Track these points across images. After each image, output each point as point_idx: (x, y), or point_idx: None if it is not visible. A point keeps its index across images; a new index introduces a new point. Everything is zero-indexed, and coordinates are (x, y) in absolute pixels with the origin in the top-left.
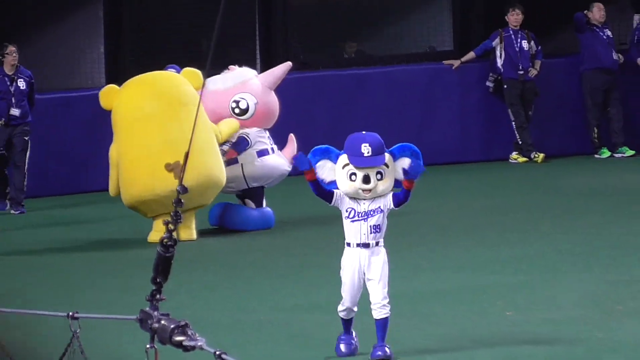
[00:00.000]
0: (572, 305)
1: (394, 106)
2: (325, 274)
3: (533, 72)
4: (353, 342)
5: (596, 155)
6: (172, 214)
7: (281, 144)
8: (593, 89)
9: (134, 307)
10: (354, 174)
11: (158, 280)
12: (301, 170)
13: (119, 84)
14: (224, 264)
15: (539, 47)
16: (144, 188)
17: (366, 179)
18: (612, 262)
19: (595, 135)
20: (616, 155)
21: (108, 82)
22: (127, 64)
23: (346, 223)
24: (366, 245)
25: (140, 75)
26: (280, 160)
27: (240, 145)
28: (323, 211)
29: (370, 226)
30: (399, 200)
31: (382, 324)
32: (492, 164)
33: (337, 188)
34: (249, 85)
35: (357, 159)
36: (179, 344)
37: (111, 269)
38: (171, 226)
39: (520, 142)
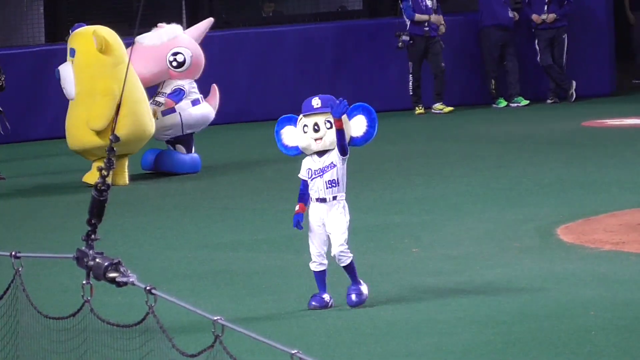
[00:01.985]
0: (472, 242)
1: (308, 61)
2: (248, 215)
3: (442, 30)
4: (325, 300)
5: (494, 105)
6: (105, 160)
7: (205, 94)
8: (491, 44)
9: (71, 246)
10: (306, 125)
11: (93, 221)
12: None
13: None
14: (153, 206)
15: (439, 4)
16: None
17: (315, 127)
18: (508, 203)
19: (493, 87)
20: (512, 105)
21: (47, 41)
22: (65, 24)
23: (309, 182)
24: (323, 200)
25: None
26: (209, 109)
27: (178, 95)
28: (247, 157)
29: (326, 181)
30: (338, 144)
31: (348, 269)
32: (397, 113)
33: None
34: (181, 40)
35: (307, 109)
36: (112, 280)
37: (50, 211)
38: (104, 172)
39: (412, 95)
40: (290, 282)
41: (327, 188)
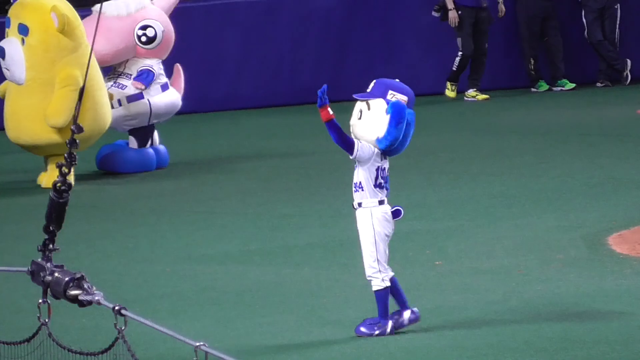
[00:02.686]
0: (507, 254)
1: (308, 37)
2: (239, 221)
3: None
4: (395, 318)
5: (533, 89)
6: (65, 155)
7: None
8: (530, 17)
9: (26, 258)
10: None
11: (51, 228)
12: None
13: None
14: (125, 210)
15: None
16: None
17: (357, 115)
18: (549, 206)
19: (532, 67)
20: (555, 88)
21: None
22: None
23: None
24: (354, 208)
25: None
26: (177, 95)
27: (147, 78)
28: (236, 152)
29: (354, 184)
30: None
31: (377, 296)
32: (420, 98)
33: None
34: (151, 11)
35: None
36: (74, 299)
37: (1, 216)
38: (65, 169)
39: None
40: (289, 302)
41: (354, 192)
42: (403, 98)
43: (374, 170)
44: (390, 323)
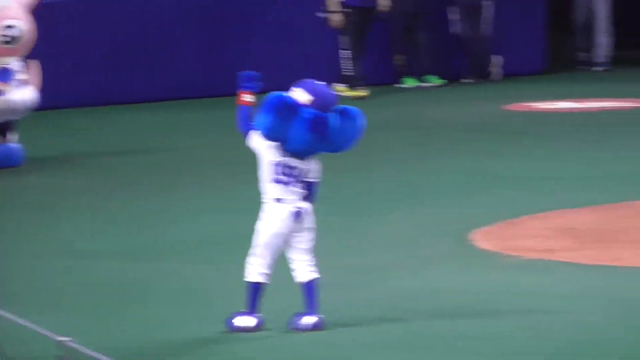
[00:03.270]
0: (374, 250)
1: (177, 32)
2: (105, 218)
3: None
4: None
5: (400, 85)
6: None
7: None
8: (399, 13)
9: None
10: None
11: None
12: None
13: None
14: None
15: None
16: None
17: None
18: (416, 202)
19: (400, 63)
20: (423, 84)
21: None
22: None
23: None
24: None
25: None
26: (34, 91)
27: (5, 75)
28: (97, 147)
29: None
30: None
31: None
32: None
33: None
34: (14, 10)
35: None
36: None
37: None
38: None
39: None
40: (162, 297)
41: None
42: (308, 98)
43: (272, 165)
44: (255, 318)
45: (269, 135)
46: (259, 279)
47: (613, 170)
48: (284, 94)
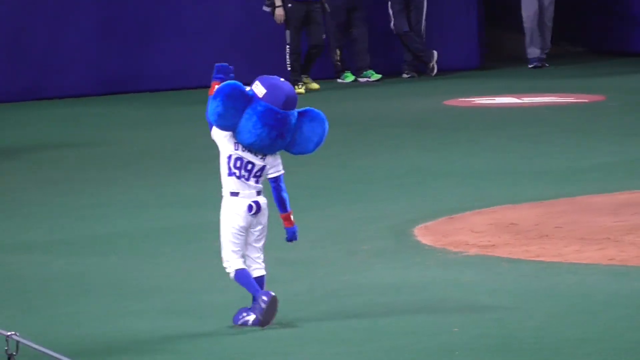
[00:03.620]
0: (312, 244)
1: (115, 24)
2: (44, 211)
3: None
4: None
5: (339, 80)
6: None
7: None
8: (335, 7)
9: None
10: None
11: None
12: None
13: None
14: None
15: None
16: None
17: None
18: (355, 197)
19: (338, 58)
20: (361, 79)
21: None
22: None
23: None
24: None
25: None
26: None
27: None
28: (41, 142)
29: None
30: None
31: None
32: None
33: None
34: None
35: None
36: None
37: None
38: None
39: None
40: (93, 291)
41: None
42: (261, 90)
43: (226, 157)
44: (256, 314)
45: (219, 123)
46: (239, 266)
47: (553, 166)
48: (238, 83)
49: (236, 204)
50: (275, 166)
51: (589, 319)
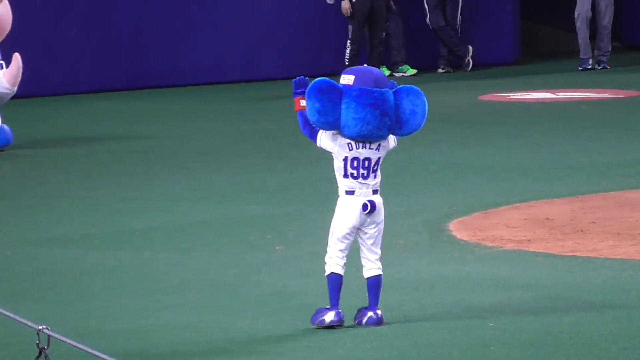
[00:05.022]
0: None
1: (147, 20)
2: (78, 205)
3: None
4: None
5: None
6: None
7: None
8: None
9: None
10: None
11: None
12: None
13: None
14: None
15: None
16: None
17: None
18: (390, 192)
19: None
20: (396, 74)
21: None
22: None
23: None
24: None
25: None
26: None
27: None
28: (67, 135)
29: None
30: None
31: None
32: (259, 84)
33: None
34: None
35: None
36: None
37: None
38: None
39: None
40: (127, 286)
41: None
42: (349, 78)
43: (342, 160)
44: (331, 313)
45: (320, 120)
46: (334, 270)
47: (588, 161)
48: (326, 78)
49: (351, 203)
50: (394, 142)
51: (624, 315)
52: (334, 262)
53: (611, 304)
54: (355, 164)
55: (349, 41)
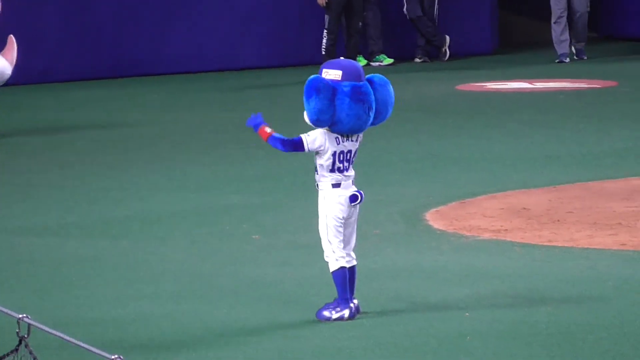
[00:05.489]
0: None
1: (131, 7)
2: (56, 193)
3: None
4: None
5: None
6: None
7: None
8: None
9: None
10: None
11: None
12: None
13: None
14: None
15: None
16: None
17: None
18: (367, 181)
19: (357, 41)
20: (373, 64)
21: None
22: None
23: None
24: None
25: None
26: (4, 63)
27: None
28: (54, 124)
29: (314, 166)
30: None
31: (333, 278)
32: (239, 73)
33: None
34: None
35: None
36: None
37: None
38: None
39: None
40: (105, 275)
41: (315, 174)
42: (336, 73)
43: (331, 155)
44: (349, 308)
45: (321, 118)
46: (342, 264)
47: (565, 151)
48: (316, 76)
49: (338, 195)
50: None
51: (601, 305)
52: (338, 256)
53: (588, 294)
54: (341, 157)
55: (325, 31)
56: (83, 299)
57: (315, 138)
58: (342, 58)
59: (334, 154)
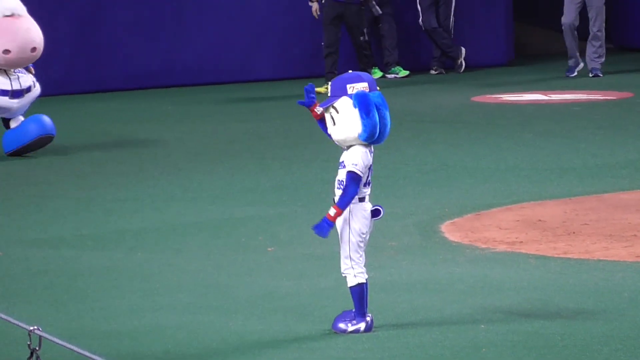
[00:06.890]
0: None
1: (146, 17)
2: (69, 205)
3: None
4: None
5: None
6: None
7: None
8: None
9: None
10: None
11: None
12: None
13: None
14: None
15: None
16: None
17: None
18: (382, 193)
19: (366, 53)
20: (389, 75)
21: None
22: None
23: None
24: (335, 202)
25: None
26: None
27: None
28: (69, 136)
29: (337, 180)
30: None
31: (351, 292)
32: (252, 85)
33: None
34: None
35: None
36: None
37: None
38: None
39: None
40: (120, 286)
41: (336, 188)
42: (363, 85)
43: (367, 170)
44: (365, 322)
45: (374, 133)
46: (359, 280)
47: (581, 163)
48: (355, 91)
49: (363, 209)
50: None
51: (616, 317)
52: (357, 272)
53: (603, 306)
54: (370, 172)
55: (322, 44)
56: (98, 310)
57: (360, 162)
58: (350, 71)
59: (369, 168)
